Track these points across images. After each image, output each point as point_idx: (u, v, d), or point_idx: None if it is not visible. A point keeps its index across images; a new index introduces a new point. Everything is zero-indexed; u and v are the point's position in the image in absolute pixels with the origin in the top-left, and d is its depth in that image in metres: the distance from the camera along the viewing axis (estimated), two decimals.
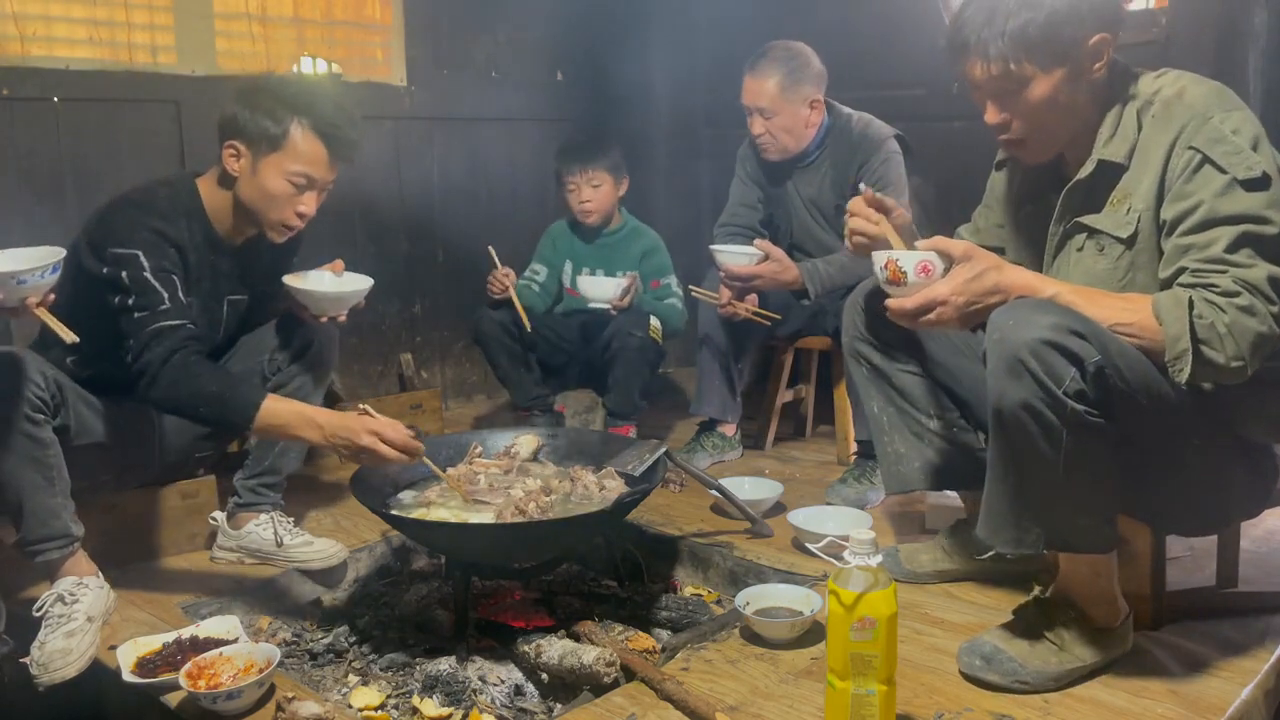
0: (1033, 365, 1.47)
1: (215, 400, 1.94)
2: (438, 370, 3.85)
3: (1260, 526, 2.25)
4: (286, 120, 2.05)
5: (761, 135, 2.88)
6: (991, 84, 1.66)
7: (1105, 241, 1.66)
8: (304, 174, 2.07)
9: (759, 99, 2.82)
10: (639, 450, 2.30)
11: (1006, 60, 1.62)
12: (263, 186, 2.07)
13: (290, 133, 2.05)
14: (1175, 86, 1.63)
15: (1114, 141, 1.66)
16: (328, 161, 2.09)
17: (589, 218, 3.17)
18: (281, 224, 2.12)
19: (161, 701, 1.71)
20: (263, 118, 2.04)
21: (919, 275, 1.59)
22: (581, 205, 3.15)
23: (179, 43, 3.08)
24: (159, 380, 1.93)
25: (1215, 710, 1.59)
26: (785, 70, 2.80)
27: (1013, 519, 1.61)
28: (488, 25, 3.82)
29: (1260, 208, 1.50)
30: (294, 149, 2.06)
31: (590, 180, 3.13)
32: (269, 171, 2.06)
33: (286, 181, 2.07)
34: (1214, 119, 1.55)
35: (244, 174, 2.08)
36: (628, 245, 3.24)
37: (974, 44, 1.64)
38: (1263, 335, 1.47)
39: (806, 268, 2.77)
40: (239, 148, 2.07)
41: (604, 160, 3.13)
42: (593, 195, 3.14)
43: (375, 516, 2.03)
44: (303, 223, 2.14)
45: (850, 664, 1.42)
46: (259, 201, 2.09)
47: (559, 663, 1.83)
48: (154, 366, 1.93)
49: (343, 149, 2.11)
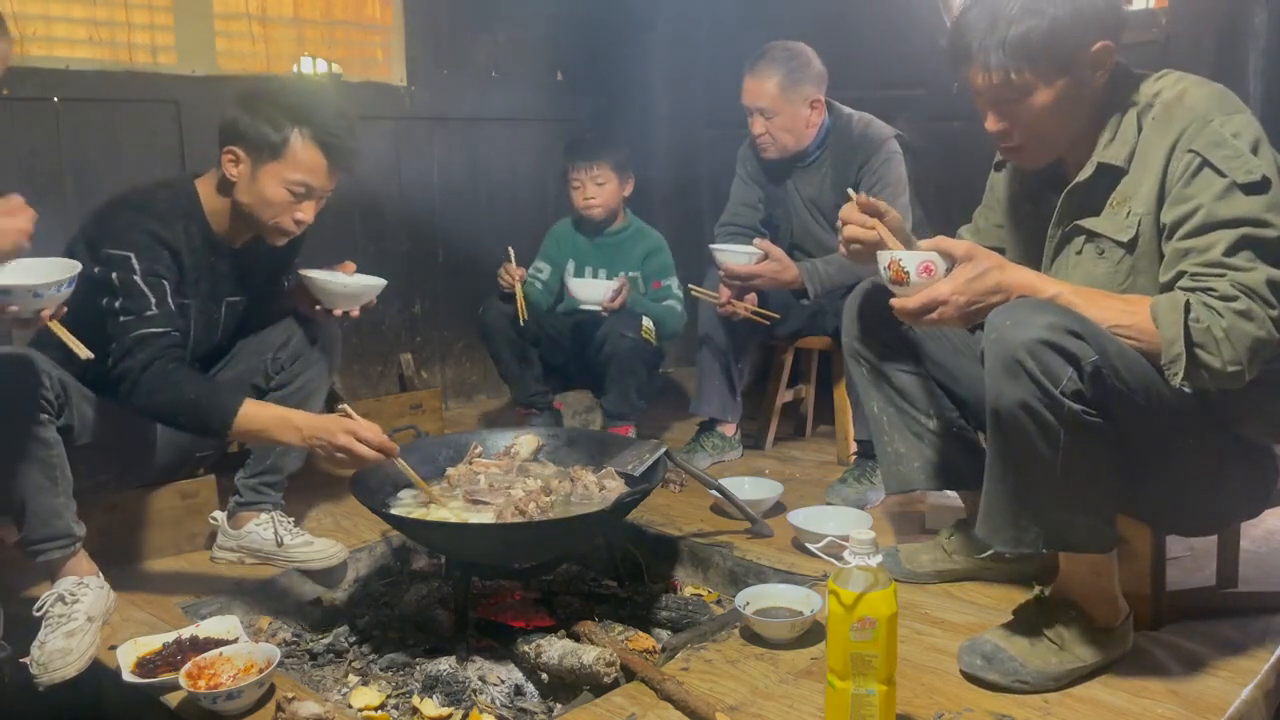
0: (1030, 365, 1.47)
1: (193, 408, 1.95)
2: (438, 370, 3.85)
3: (1260, 526, 2.25)
4: (287, 128, 2.05)
5: (762, 135, 2.88)
6: (992, 92, 1.66)
7: (1105, 245, 1.66)
8: (303, 183, 2.08)
9: (759, 99, 2.83)
10: (639, 450, 2.30)
11: (1008, 70, 1.61)
12: (261, 193, 2.08)
13: (290, 141, 2.05)
14: (1175, 89, 1.63)
15: (1114, 145, 1.66)
16: (327, 171, 2.10)
17: (592, 213, 3.17)
18: (279, 230, 2.13)
19: (161, 701, 1.71)
20: (263, 125, 2.05)
21: (921, 275, 1.59)
22: (585, 201, 3.16)
23: (179, 43, 3.08)
24: (139, 387, 1.95)
25: (1215, 710, 1.59)
26: (785, 70, 2.80)
27: (1011, 518, 1.61)
28: (488, 25, 3.82)
29: (1260, 211, 1.49)
30: (293, 158, 2.06)
31: (595, 177, 3.14)
32: (268, 179, 2.07)
33: (285, 189, 2.07)
34: (1214, 122, 1.54)
35: (243, 179, 2.08)
36: (631, 245, 3.24)
37: (975, 51, 1.63)
38: (1260, 340, 1.47)
39: (806, 267, 2.78)
40: (238, 153, 2.07)
41: (610, 157, 3.14)
42: (597, 192, 3.15)
43: (375, 516, 2.03)
44: (300, 230, 2.15)
45: (850, 664, 1.42)
46: (257, 207, 2.10)
47: (559, 663, 1.83)
48: (134, 373, 1.95)
49: (342, 158, 2.11)
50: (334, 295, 2.25)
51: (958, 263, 1.58)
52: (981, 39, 1.62)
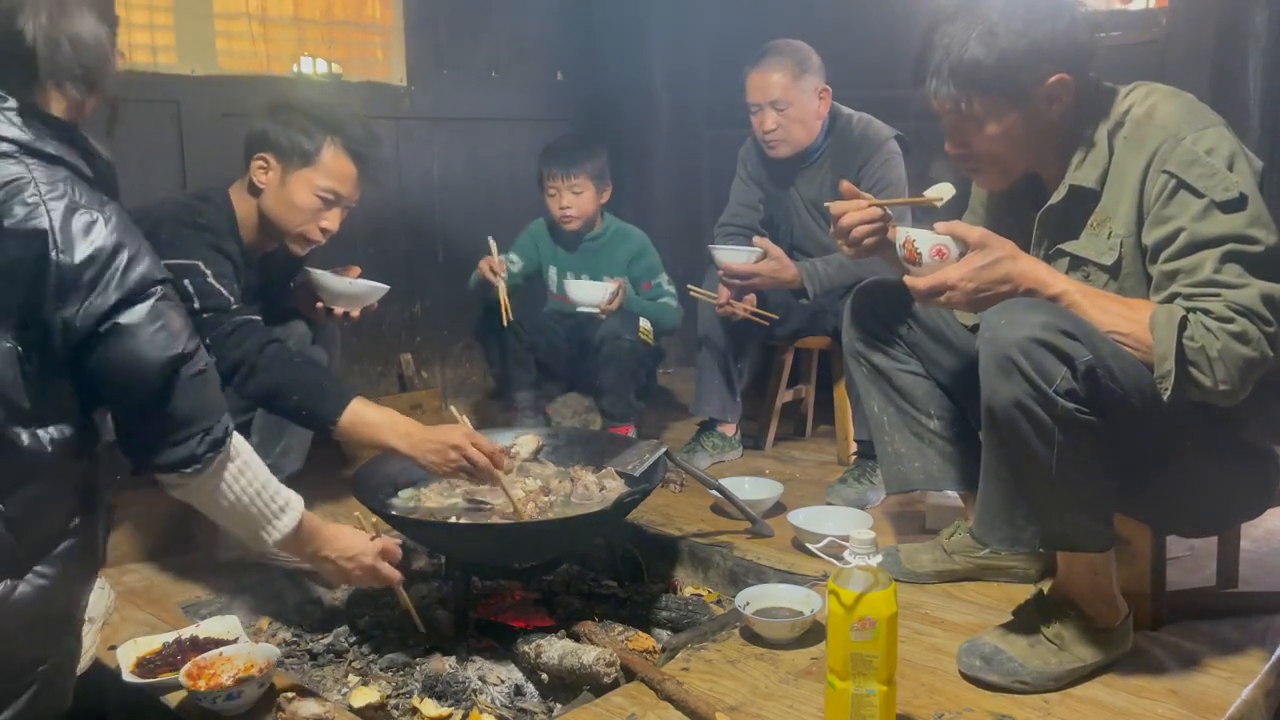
0: (1023, 364, 1.47)
1: (312, 389, 1.94)
2: (438, 370, 3.85)
3: (1260, 526, 2.25)
4: (319, 137, 2.12)
5: (773, 130, 2.83)
6: (946, 117, 1.68)
7: (1090, 269, 1.65)
8: (333, 190, 2.14)
9: (770, 92, 2.79)
10: (639, 450, 2.30)
11: (957, 99, 1.63)
12: (291, 199, 2.13)
13: (323, 149, 2.12)
14: (1145, 105, 1.62)
15: (1085, 166, 1.65)
16: (356, 180, 2.17)
17: (569, 224, 3.07)
18: (304, 237, 2.18)
19: (161, 701, 1.71)
20: (296, 133, 2.11)
21: (933, 257, 1.61)
22: (562, 211, 3.05)
23: (179, 42, 3.07)
24: (258, 369, 1.95)
25: (1215, 710, 1.59)
26: (793, 61, 2.78)
27: (1007, 517, 1.61)
28: (488, 25, 3.82)
29: (1242, 227, 1.49)
30: (325, 165, 2.13)
31: (572, 186, 3.03)
32: (299, 185, 2.12)
33: (315, 196, 2.13)
34: (1186, 140, 1.53)
35: (272, 186, 2.14)
36: (613, 249, 3.17)
37: (929, 77, 1.65)
38: (1253, 361, 1.46)
39: (805, 267, 2.77)
40: (269, 160, 2.12)
41: (588, 165, 3.03)
42: (573, 201, 3.04)
43: (375, 516, 2.03)
44: (325, 239, 2.19)
45: (850, 664, 1.42)
46: (285, 214, 2.15)
47: (559, 663, 1.83)
48: (251, 355, 1.95)
49: (372, 170, 2.19)
50: (337, 295, 2.30)
51: (971, 249, 1.58)
52: (935, 65, 1.63)
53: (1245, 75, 2.66)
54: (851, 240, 1.80)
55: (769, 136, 2.86)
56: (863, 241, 1.79)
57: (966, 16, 1.62)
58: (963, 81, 1.61)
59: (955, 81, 1.61)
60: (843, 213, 1.80)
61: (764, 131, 2.86)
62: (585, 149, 3.08)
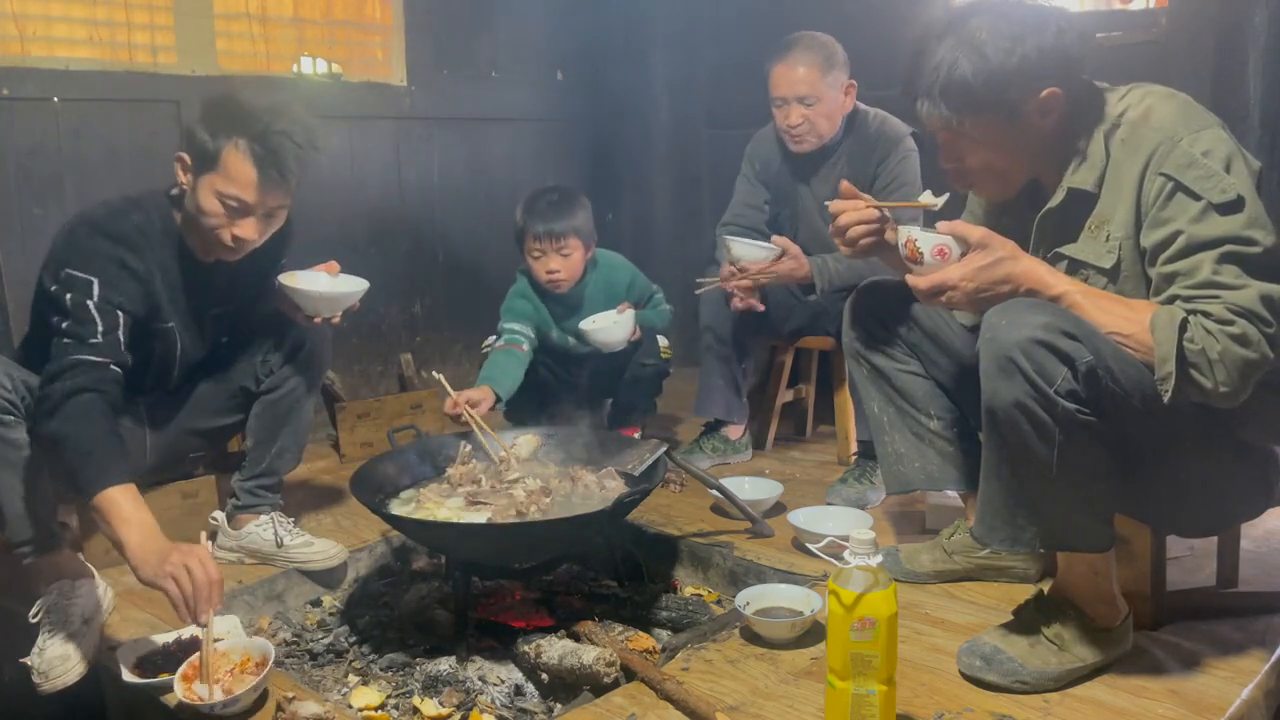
0: (1024, 364, 1.47)
1: (85, 455, 1.74)
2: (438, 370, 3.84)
3: (1260, 526, 2.24)
4: (223, 139, 1.95)
5: (799, 125, 2.75)
6: (938, 135, 1.68)
7: (1089, 272, 1.65)
8: (235, 197, 1.96)
9: (798, 87, 2.71)
10: (639, 450, 2.30)
11: (949, 120, 1.62)
12: (198, 204, 1.99)
13: (224, 152, 1.95)
14: (1141, 107, 1.61)
15: (1082, 169, 1.65)
16: (257, 185, 1.96)
17: (557, 288, 2.82)
18: (220, 244, 2.02)
19: (161, 701, 1.72)
20: (204, 133, 1.96)
21: (934, 257, 1.60)
22: (549, 276, 2.79)
23: (179, 43, 3.08)
24: (58, 412, 1.77)
25: (1215, 710, 1.59)
26: (821, 56, 2.71)
27: (1007, 517, 1.61)
28: (488, 25, 3.82)
29: (1240, 229, 1.48)
30: (225, 169, 1.96)
31: (560, 249, 2.76)
32: (203, 189, 1.98)
33: (218, 202, 1.97)
34: (1182, 142, 1.53)
35: (189, 188, 2.01)
36: (608, 283, 2.94)
37: (919, 94, 1.64)
38: (1253, 363, 1.46)
39: (817, 263, 2.70)
40: (186, 160, 2.01)
41: (576, 225, 2.77)
42: (562, 264, 2.78)
43: (375, 516, 2.03)
44: (240, 247, 2.03)
45: (850, 664, 1.42)
46: (196, 218, 2.01)
47: (559, 663, 1.83)
48: (56, 397, 1.78)
49: (272, 175, 1.96)
50: (312, 302, 2.19)
51: (972, 249, 1.58)
52: (925, 87, 1.62)
53: (1245, 75, 2.66)
54: (848, 240, 1.81)
55: (794, 131, 2.78)
56: (859, 242, 1.80)
57: (954, 35, 1.60)
58: (953, 103, 1.60)
59: (946, 103, 1.61)
60: (840, 212, 1.80)
61: (789, 126, 2.77)
62: (570, 206, 2.79)
